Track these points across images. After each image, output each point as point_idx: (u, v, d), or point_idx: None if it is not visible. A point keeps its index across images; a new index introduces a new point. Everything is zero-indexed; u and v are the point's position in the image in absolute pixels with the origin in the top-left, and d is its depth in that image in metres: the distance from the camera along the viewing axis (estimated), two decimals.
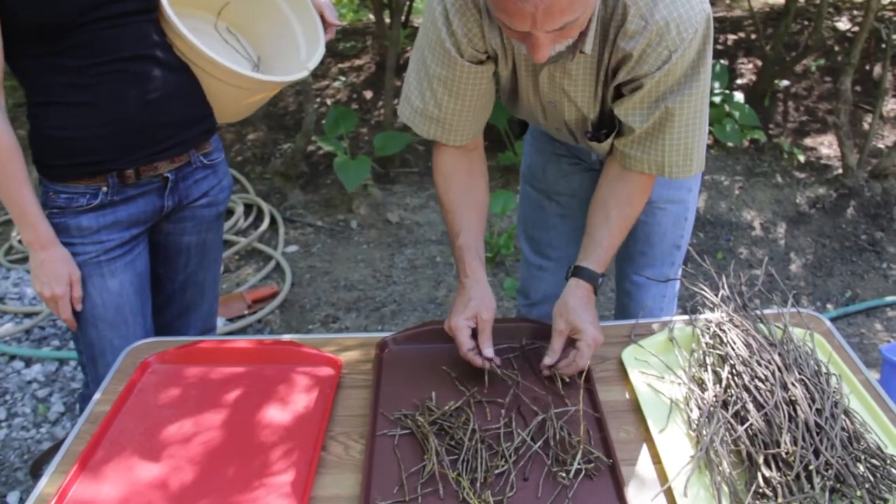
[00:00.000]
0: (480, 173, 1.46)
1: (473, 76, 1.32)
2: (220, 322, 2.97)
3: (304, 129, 3.80)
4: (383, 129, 4.03)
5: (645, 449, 1.17)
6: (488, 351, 1.28)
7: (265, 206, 3.67)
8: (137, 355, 1.43)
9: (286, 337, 1.47)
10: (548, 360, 1.29)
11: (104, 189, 1.45)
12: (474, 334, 1.30)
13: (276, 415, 1.26)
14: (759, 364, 1.15)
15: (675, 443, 1.16)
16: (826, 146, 4.08)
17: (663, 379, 1.29)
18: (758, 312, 1.37)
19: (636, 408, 1.25)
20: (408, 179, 4.01)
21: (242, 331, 2.94)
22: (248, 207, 3.73)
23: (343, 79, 4.92)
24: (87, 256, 1.47)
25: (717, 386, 1.18)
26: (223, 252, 3.40)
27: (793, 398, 1.08)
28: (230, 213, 3.65)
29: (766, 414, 1.07)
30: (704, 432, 1.10)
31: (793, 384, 1.10)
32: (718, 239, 3.42)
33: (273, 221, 3.62)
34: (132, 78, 1.41)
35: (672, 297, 1.76)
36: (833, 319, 2.86)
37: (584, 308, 1.29)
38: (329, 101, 4.65)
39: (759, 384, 1.12)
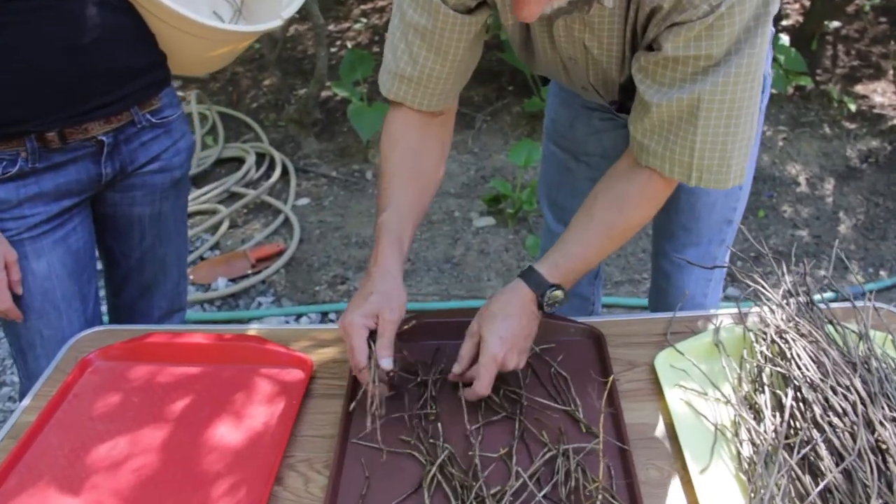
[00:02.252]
0: (438, 146, 1.18)
1: (458, 28, 1.06)
2: (222, 283, 2.78)
3: (317, 74, 3.53)
4: None
5: (681, 494, 0.92)
6: (386, 362, 0.98)
7: (277, 156, 3.44)
8: (81, 348, 1.22)
9: (253, 328, 1.25)
10: (456, 369, 1.05)
11: (23, 155, 1.21)
12: (373, 337, 1.00)
13: (227, 434, 1.03)
14: (836, 392, 0.89)
15: (720, 488, 0.90)
16: (879, 94, 3.70)
17: (706, 396, 1.04)
18: (824, 307, 1.10)
19: (671, 434, 1.00)
20: None
21: (245, 292, 2.76)
22: (261, 157, 3.51)
23: (365, 20, 4.60)
24: (6, 234, 1.24)
25: (778, 416, 0.92)
26: (231, 206, 3.25)
27: (882, 444, 0.82)
28: (241, 162, 3.43)
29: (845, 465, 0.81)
30: (760, 483, 0.85)
31: (881, 423, 0.84)
32: (760, 195, 3.10)
33: (285, 172, 3.38)
34: (56, 17, 1.15)
35: (718, 281, 1.47)
36: (886, 289, 2.58)
37: (504, 317, 1.01)
38: (350, 44, 4.35)
39: (835, 420, 0.86)
